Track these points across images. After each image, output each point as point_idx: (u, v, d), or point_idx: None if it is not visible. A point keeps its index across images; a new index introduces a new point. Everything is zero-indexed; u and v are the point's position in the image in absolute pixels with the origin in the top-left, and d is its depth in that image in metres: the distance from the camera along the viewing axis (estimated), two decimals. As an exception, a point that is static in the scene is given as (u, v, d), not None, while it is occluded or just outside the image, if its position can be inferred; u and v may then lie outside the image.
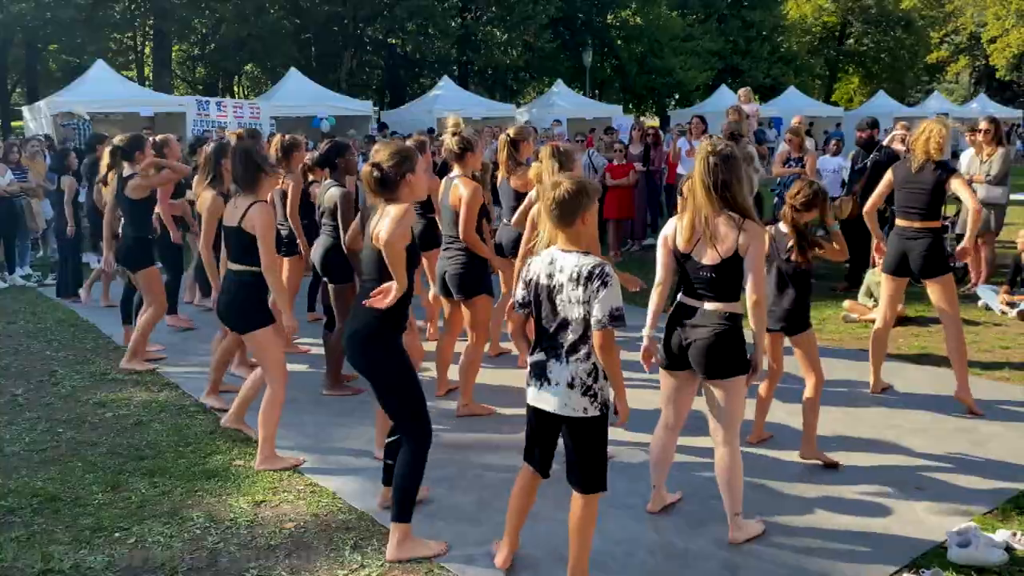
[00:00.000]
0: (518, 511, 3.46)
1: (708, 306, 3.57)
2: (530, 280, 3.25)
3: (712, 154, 3.48)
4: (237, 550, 3.68)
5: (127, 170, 6.37)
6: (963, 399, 5.24)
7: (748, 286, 3.51)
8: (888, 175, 5.43)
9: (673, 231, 3.66)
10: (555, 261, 3.17)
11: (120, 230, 6.60)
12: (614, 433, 4.94)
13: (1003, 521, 3.84)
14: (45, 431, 5.14)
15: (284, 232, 6.25)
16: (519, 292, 3.33)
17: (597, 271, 3.07)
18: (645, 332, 3.72)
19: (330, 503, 4.12)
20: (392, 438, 3.81)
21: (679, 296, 3.70)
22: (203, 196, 5.44)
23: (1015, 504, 4.02)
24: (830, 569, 3.49)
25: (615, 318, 3.03)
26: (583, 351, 3.13)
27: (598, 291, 3.04)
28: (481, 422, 5.20)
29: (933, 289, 5.31)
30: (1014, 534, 3.62)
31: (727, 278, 3.52)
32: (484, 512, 4.00)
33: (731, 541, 3.66)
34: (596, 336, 3.05)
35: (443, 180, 5.34)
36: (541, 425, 3.30)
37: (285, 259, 6.26)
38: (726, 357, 3.56)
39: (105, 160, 6.77)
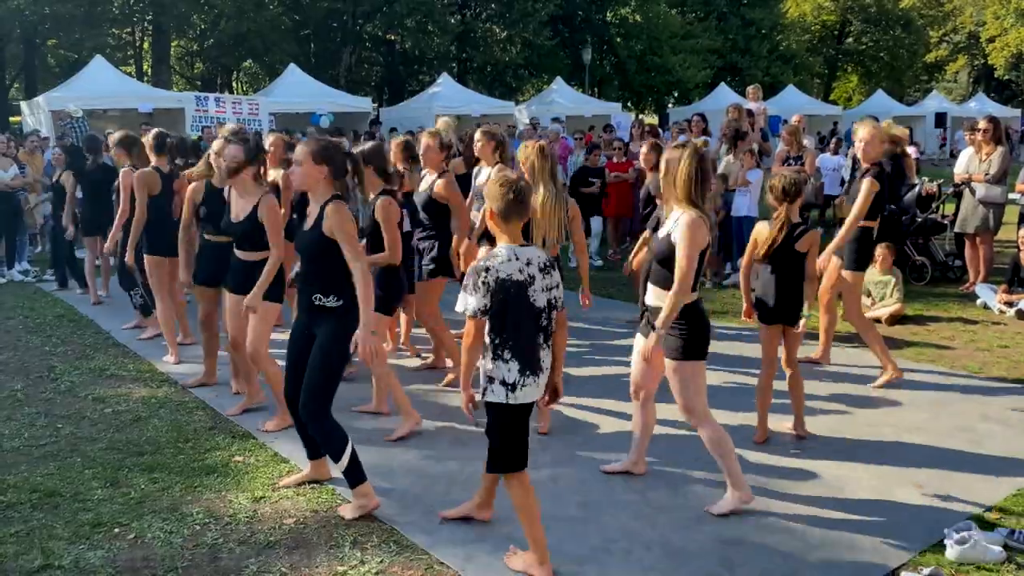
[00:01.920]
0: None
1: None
2: (501, 281, 3.18)
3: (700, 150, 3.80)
4: (237, 546, 3.69)
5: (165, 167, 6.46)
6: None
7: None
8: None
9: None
10: (520, 256, 3.26)
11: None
12: (609, 432, 4.98)
13: (1001, 519, 3.85)
14: (44, 427, 5.14)
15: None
16: (479, 299, 3.19)
17: (551, 261, 3.36)
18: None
19: (330, 499, 4.12)
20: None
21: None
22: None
23: (1013, 502, 4.03)
24: (828, 567, 3.50)
25: None
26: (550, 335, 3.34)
27: (558, 277, 3.36)
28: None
29: None
30: (1012, 532, 3.63)
31: None
32: (483, 509, 4.00)
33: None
34: (560, 315, 3.35)
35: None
36: (526, 418, 3.42)
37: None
38: None
39: (151, 151, 6.50)
